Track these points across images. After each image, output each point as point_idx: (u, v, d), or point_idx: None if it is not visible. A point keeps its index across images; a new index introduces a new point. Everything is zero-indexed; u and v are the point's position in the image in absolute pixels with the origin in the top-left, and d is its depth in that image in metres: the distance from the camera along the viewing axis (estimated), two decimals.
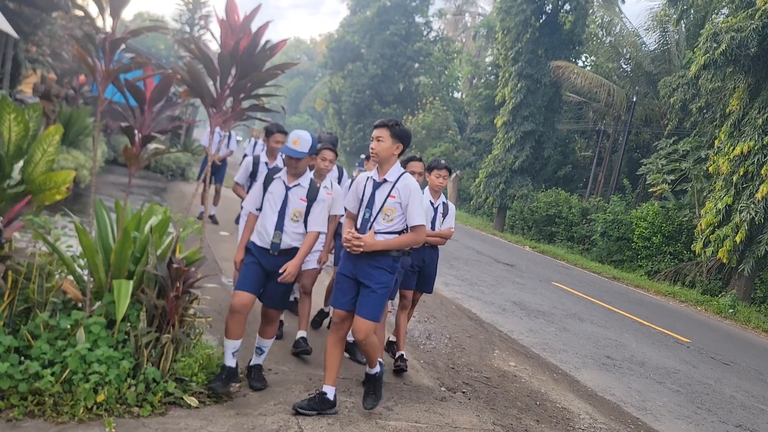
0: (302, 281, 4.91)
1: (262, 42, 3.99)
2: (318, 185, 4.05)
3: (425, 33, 38.41)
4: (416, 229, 3.75)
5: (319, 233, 4.01)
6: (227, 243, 8.75)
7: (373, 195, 3.82)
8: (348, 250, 3.73)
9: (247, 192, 5.18)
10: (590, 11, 23.40)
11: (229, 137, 10.86)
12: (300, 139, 3.93)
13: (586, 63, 26.77)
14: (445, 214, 5.27)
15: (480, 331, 7.26)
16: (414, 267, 5.03)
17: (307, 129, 18.58)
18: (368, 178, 3.89)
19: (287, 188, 3.97)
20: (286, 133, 5.49)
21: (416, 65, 37.12)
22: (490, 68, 32.48)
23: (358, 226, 3.84)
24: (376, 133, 3.79)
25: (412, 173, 4.70)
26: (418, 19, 37.92)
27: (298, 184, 3.99)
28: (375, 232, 3.73)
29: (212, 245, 8.21)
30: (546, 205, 22.06)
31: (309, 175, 4.15)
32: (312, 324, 5.71)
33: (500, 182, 23.57)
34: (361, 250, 3.66)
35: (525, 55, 22.86)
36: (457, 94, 39.87)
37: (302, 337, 4.86)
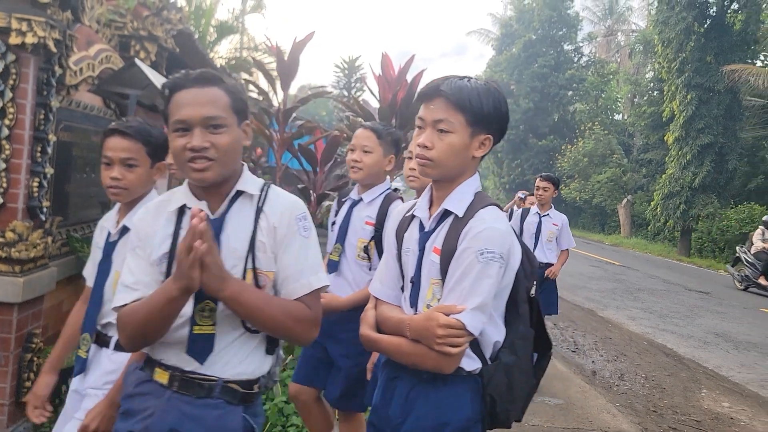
0: None
1: (417, 91, 4.11)
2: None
3: (576, 59, 37.21)
4: None
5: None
6: None
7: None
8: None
9: None
10: (763, 5, 21.08)
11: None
12: None
13: (766, 62, 24.01)
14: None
15: (680, 368, 6.55)
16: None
17: None
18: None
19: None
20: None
21: (570, 93, 35.97)
22: (651, 84, 30.43)
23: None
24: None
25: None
26: (567, 47, 36.92)
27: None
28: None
29: None
30: (738, 223, 19.75)
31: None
32: None
33: (680, 203, 21.64)
34: None
35: (692, 64, 21.12)
36: (617, 116, 37.79)
37: None
